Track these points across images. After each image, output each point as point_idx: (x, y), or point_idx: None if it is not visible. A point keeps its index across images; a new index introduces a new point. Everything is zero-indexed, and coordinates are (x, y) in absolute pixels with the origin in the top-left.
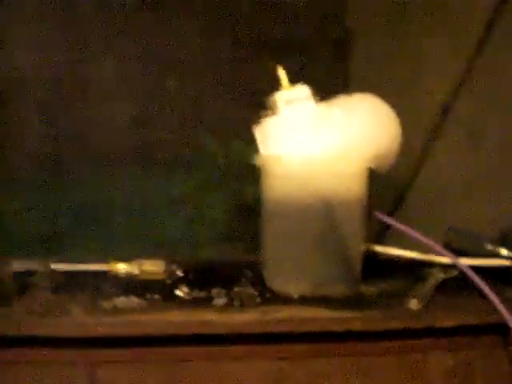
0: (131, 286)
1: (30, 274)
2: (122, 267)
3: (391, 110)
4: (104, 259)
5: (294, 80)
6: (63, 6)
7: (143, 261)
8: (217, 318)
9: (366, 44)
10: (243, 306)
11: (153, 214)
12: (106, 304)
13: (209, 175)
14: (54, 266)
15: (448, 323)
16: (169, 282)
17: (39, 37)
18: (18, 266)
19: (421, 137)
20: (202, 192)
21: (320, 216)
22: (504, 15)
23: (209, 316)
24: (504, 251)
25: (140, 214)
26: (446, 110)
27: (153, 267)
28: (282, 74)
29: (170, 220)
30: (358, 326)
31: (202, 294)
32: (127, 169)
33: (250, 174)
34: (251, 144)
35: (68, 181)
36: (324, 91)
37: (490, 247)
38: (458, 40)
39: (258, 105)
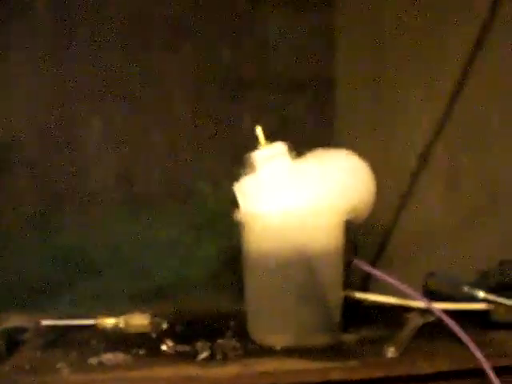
0: (117, 340)
1: (21, 330)
2: (109, 322)
3: (366, 164)
4: (93, 309)
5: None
6: (50, 66)
7: (129, 315)
8: (200, 372)
9: (349, 103)
10: (226, 359)
11: (141, 261)
12: (93, 360)
13: (196, 221)
14: (44, 322)
15: (426, 370)
16: (154, 335)
17: (27, 97)
18: (9, 322)
19: (400, 185)
20: (189, 237)
21: (299, 268)
22: (476, 64)
23: (192, 371)
24: (481, 294)
25: (127, 261)
26: (423, 159)
27: (138, 321)
28: (259, 132)
29: (158, 266)
30: (337, 376)
31: (187, 347)
32: (115, 221)
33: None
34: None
35: (56, 234)
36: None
37: (467, 290)
38: (432, 90)
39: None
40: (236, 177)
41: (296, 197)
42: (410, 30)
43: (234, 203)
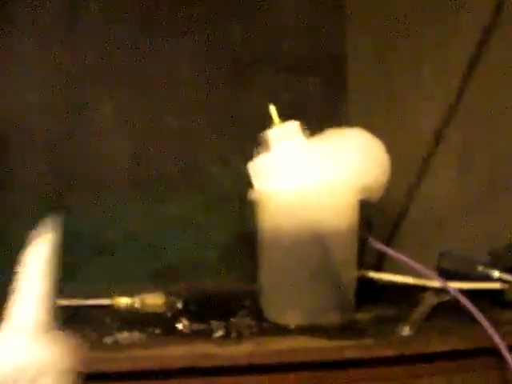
0: (133, 319)
1: None
2: (123, 301)
3: (380, 143)
4: (107, 289)
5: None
6: (62, 50)
7: (144, 295)
8: (215, 350)
9: (361, 80)
10: (240, 338)
11: (153, 241)
12: (109, 339)
13: (209, 200)
14: (59, 301)
15: (440, 348)
16: (169, 314)
17: (40, 80)
18: None
19: (413, 164)
20: (202, 218)
21: (313, 247)
22: (492, 40)
23: (208, 349)
24: (496, 273)
25: (141, 242)
26: (436, 139)
27: (153, 300)
28: (273, 111)
29: (171, 246)
30: (351, 354)
31: (202, 326)
32: (128, 202)
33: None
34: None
35: (69, 215)
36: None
37: (481, 270)
38: (446, 70)
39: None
40: (249, 156)
41: (310, 175)
42: (422, 5)
43: (247, 182)
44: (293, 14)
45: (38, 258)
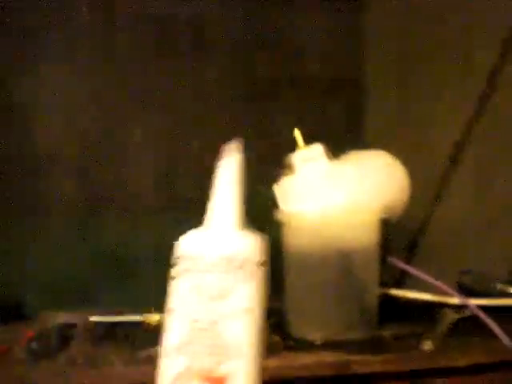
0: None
1: (70, 326)
2: (154, 318)
3: (400, 164)
4: (134, 307)
5: (310, 136)
6: (91, 76)
7: None
8: None
9: (379, 103)
10: (269, 353)
11: None
12: (143, 354)
13: None
14: (92, 318)
15: (461, 363)
16: None
17: (68, 107)
18: (58, 319)
19: (432, 186)
20: None
21: (337, 265)
22: (508, 63)
23: None
24: None
25: (166, 262)
26: (453, 160)
27: None
28: (297, 135)
29: None
30: (376, 368)
31: None
32: (154, 223)
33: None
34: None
35: (98, 234)
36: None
37: (500, 287)
38: (463, 90)
39: (276, 159)
40: (272, 180)
41: (334, 196)
42: (439, 30)
43: (274, 203)
44: (314, 40)
45: (230, 168)
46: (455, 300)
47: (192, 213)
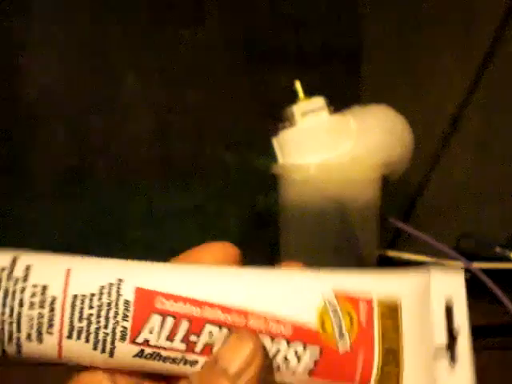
0: None
1: None
2: None
3: (404, 120)
4: None
5: (307, 91)
6: (83, 23)
7: None
8: None
9: (377, 57)
10: None
11: (167, 225)
12: None
13: (223, 186)
14: None
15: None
16: None
17: (62, 56)
18: None
19: (431, 146)
20: (215, 202)
21: (336, 220)
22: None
23: None
24: None
25: (155, 224)
26: (455, 120)
27: None
28: (298, 86)
29: (184, 230)
30: None
31: None
32: (145, 180)
33: (263, 184)
34: (265, 156)
35: (88, 192)
36: (336, 102)
37: (499, 251)
38: (466, 52)
39: (272, 117)
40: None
41: (334, 150)
42: None
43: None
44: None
45: None
46: (455, 263)
47: (184, 169)
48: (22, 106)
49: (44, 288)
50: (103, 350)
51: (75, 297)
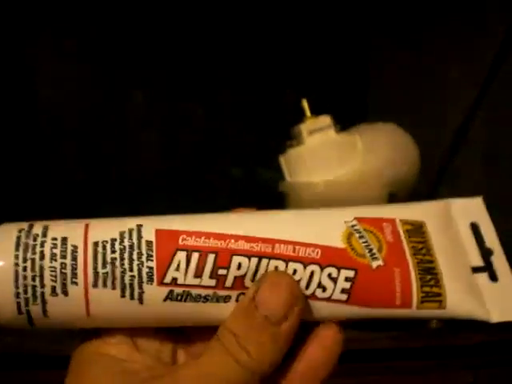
0: None
1: None
2: None
3: (411, 137)
4: None
5: (314, 109)
6: (92, 40)
7: None
8: None
9: (384, 71)
10: None
11: None
12: None
13: (231, 199)
14: None
15: (469, 341)
16: None
17: (72, 71)
18: None
19: (438, 159)
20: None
21: None
22: None
23: None
24: None
25: None
26: (460, 135)
27: None
28: (305, 105)
29: None
30: (381, 345)
31: None
32: (154, 194)
33: (270, 198)
34: (272, 170)
35: (98, 205)
36: (342, 120)
37: None
38: (473, 65)
39: (279, 134)
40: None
41: (342, 168)
42: (451, 8)
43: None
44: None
45: None
46: None
47: (191, 183)
48: (34, 126)
49: (64, 239)
50: (132, 296)
51: (96, 244)
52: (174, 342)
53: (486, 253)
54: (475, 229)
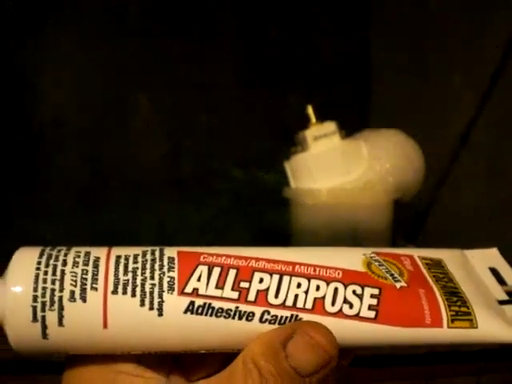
0: None
1: None
2: None
3: (415, 143)
4: None
5: (317, 114)
6: (97, 46)
7: None
8: None
9: (387, 76)
10: None
11: (178, 241)
12: None
13: (233, 203)
14: None
15: (471, 347)
16: None
17: (75, 76)
18: None
19: (441, 164)
20: (225, 219)
21: (347, 245)
22: None
23: None
24: None
25: (166, 241)
26: (464, 140)
27: None
28: (310, 111)
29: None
30: (381, 351)
31: None
32: (157, 197)
33: (272, 201)
34: (275, 174)
35: (99, 208)
36: (345, 125)
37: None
38: (476, 70)
39: (282, 138)
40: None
41: (346, 175)
42: (452, 12)
43: (284, 181)
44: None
45: None
46: None
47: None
48: (37, 128)
49: (87, 253)
50: (151, 306)
51: (119, 256)
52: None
53: (510, 290)
54: (494, 271)
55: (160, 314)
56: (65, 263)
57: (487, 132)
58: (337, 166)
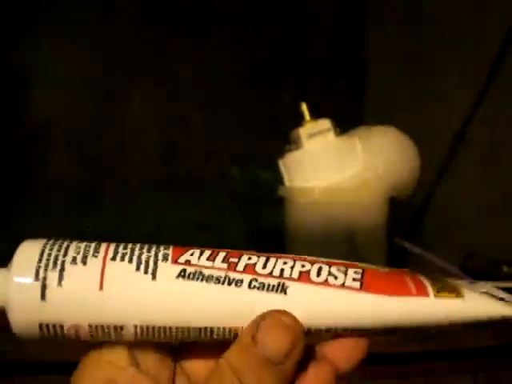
0: None
1: None
2: None
3: (410, 140)
4: None
5: (311, 110)
6: (90, 47)
7: None
8: None
9: (382, 74)
10: None
11: (175, 239)
12: None
13: (230, 201)
14: None
15: (468, 345)
16: None
17: (67, 73)
18: None
19: (435, 163)
20: (221, 217)
21: (343, 243)
22: None
23: None
24: None
25: (162, 239)
26: (460, 137)
27: None
28: (304, 108)
29: (191, 244)
30: (378, 349)
31: None
32: (153, 196)
33: (268, 200)
34: (271, 171)
35: (95, 207)
36: (339, 121)
37: (506, 270)
38: (472, 66)
39: (278, 135)
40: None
41: (341, 172)
42: (449, 6)
43: (279, 179)
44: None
45: None
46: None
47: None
48: (32, 129)
49: (89, 242)
50: (146, 271)
51: (118, 244)
52: (173, 361)
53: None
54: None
55: (153, 278)
56: (70, 241)
57: (484, 128)
58: (331, 163)
